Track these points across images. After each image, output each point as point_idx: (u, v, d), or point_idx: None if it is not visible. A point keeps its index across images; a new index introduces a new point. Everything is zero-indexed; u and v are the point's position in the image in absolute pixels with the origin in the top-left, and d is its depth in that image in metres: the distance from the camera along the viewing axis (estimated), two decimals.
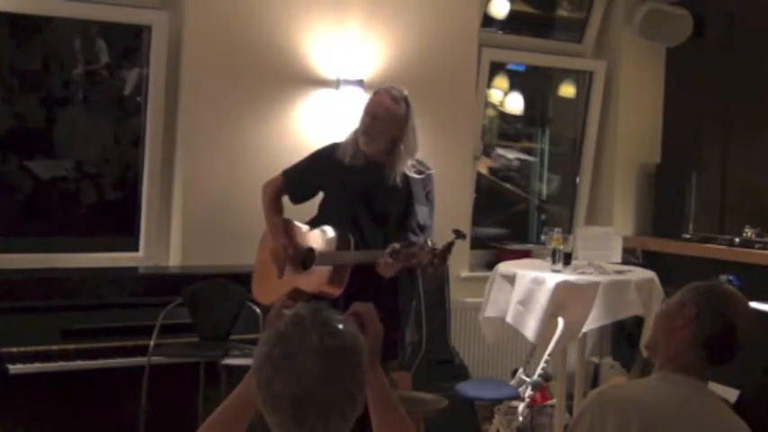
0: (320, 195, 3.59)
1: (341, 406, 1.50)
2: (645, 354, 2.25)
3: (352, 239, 3.30)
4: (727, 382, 4.15)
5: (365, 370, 1.55)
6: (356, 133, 3.43)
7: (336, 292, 3.25)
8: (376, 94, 3.46)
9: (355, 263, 3.27)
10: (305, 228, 3.52)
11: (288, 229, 3.52)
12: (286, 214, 3.60)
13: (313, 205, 3.62)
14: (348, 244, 3.29)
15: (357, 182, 3.39)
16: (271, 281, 3.48)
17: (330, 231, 3.35)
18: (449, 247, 3.03)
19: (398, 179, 3.36)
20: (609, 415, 1.96)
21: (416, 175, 3.42)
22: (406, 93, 3.44)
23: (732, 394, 4.14)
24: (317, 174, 3.51)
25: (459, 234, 3.04)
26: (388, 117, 3.35)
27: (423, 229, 3.38)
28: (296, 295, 3.26)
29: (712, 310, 2.05)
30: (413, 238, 3.29)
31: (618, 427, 1.95)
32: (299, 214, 3.62)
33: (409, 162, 3.41)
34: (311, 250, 3.40)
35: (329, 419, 1.50)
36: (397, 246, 3.11)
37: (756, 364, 4.12)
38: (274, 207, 3.55)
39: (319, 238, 3.39)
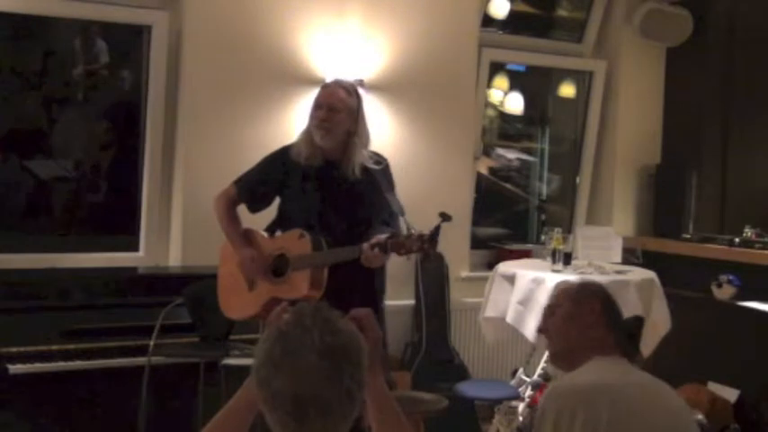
0: (275, 202, 3.52)
1: (341, 405, 1.50)
2: (552, 365, 2.39)
3: (323, 239, 3.24)
4: (728, 382, 4.15)
5: (365, 369, 1.55)
6: (308, 132, 3.36)
7: (318, 294, 3.18)
8: (326, 87, 3.41)
9: (334, 262, 3.20)
10: (267, 234, 3.45)
11: (251, 238, 3.42)
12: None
13: (267, 211, 3.54)
14: (320, 244, 3.23)
15: (319, 181, 3.34)
16: (241, 294, 3.37)
17: (301, 234, 3.25)
18: (437, 231, 2.98)
19: (357, 171, 3.31)
20: (574, 407, 2.01)
21: (375, 166, 3.36)
22: (356, 85, 3.47)
23: (732, 394, 4.14)
24: (274, 179, 3.42)
25: (445, 217, 2.99)
26: (343, 108, 3.30)
27: (392, 216, 3.32)
28: (274, 305, 3.20)
29: (607, 297, 2.26)
30: (385, 228, 3.25)
31: (588, 417, 1.99)
32: (249, 222, 3.54)
33: (365, 153, 3.37)
34: (282, 256, 3.29)
35: (329, 418, 1.50)
36: (382, 237, 3.08)
37: (756, 364, 4.12)
38: (232, 219, 3.45)
39: (289, 242, 3.29)
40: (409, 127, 4.90)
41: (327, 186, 3.34)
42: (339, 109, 3.30)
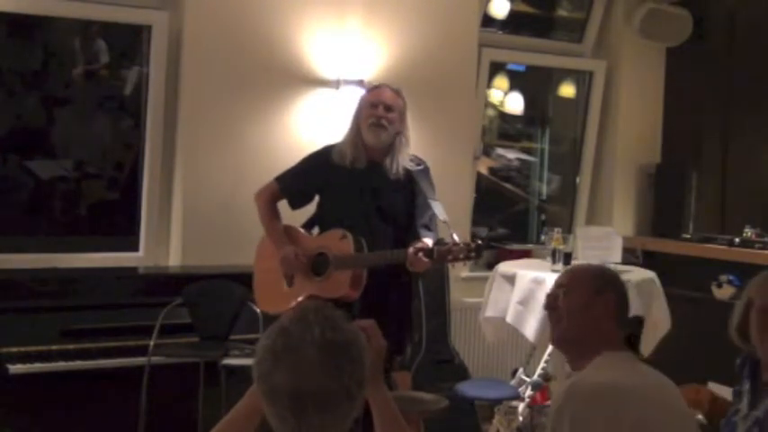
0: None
1: (339, 401, 1.51)
2: (556, 348, 2.36)
3: (364, 241, 3.29)
4: (727, 382, 4.15)
5: (366, 368, 1.56)
6: (354, 134, 3.42)
7: (357, 294, 3.25)
8: (377, 88, 3.50)
9: (379, 264, 3.26)
10: (307, 232, 3.49)
11: (291, 235, 3.47)
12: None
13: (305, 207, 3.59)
14: (362, 246, 3.28)
15: (364, 182, 3.39)
16: (279, 290, 3.43)
17: (343, 234, 3.30)
18: (486, 242, 3.22)
19: (400, 172, 3.39)
20: (594, 410, 1.97)
21: (417, 167, 3.45)
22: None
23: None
24: (317, 177, 3.48)
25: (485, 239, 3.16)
26: (396, 107, 3.42)
27: (432, 219, 3.37)
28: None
29: (624, 293, 2.20)
30: (425, 232, 3.30)
31: (609, 421, 1.96)
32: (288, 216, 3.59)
33: (407, 155, 3.44)
34: (322, 255, 3.35)
35: (327, 414, 1.50)
36: (428, 243, 3.17)
37: None
38: (272, 214, 3.50)
39: (331, 241, 3.35)
40: (409, 127, 4.89)
41: (371, 188, 3.39)
42: (393, 108, 3.40)
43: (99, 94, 4.74)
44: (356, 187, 3.39)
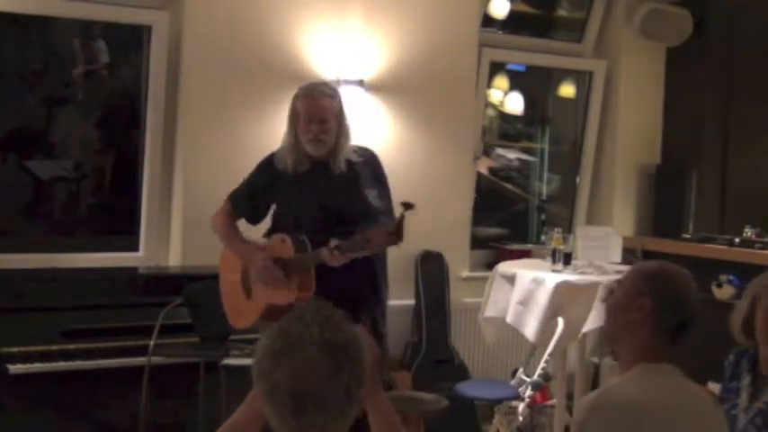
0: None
1: (339, 401, 1.51)
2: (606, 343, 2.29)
3: (308, 241, 3.23)
4: None
5: (365, 368, 1.56)
6: (293, 139, 3.34)
7: (308, 295, 3.19)
8: (309, 97, 3.33)
9: (306, 264, 3.19)
10: (261, 242, 3.45)
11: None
12: None
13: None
14: (304, 246, 3.23)
15: (309, 183, 3.34)
16: (241, 303, 3.41)
17: (282, 238, 3.28)
18: (401, 223, 2.91)
19: (343, 166, 3.31)
20: (615, 423, 1.93)
21: (360, 158, 3.36)
22: (332, 84, 3.44)
23: None
24: (263, 187, 3.45)
25: (407, 206, 2.91)
26: (332, 116, 3.30)
27: (374, 211, 3.27)
28: (271, 312, 3.21)
29: (668, 299, 2.03)
30: (370, 225, 3.19)
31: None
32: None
33: (350, 147, 3.36)
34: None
35: (327, 414, 1.51)
36: (352, 239, 3.05)
37: None
38: (231, 232, 3.47)
39: (273, 247, 3.31)
40: (409, 127, 4.90)
41: (315, 188, 3.34)
42: (329, 119, 3.29)
43: (99, 94, 4.74)
44: (301, 190, 3.34)
